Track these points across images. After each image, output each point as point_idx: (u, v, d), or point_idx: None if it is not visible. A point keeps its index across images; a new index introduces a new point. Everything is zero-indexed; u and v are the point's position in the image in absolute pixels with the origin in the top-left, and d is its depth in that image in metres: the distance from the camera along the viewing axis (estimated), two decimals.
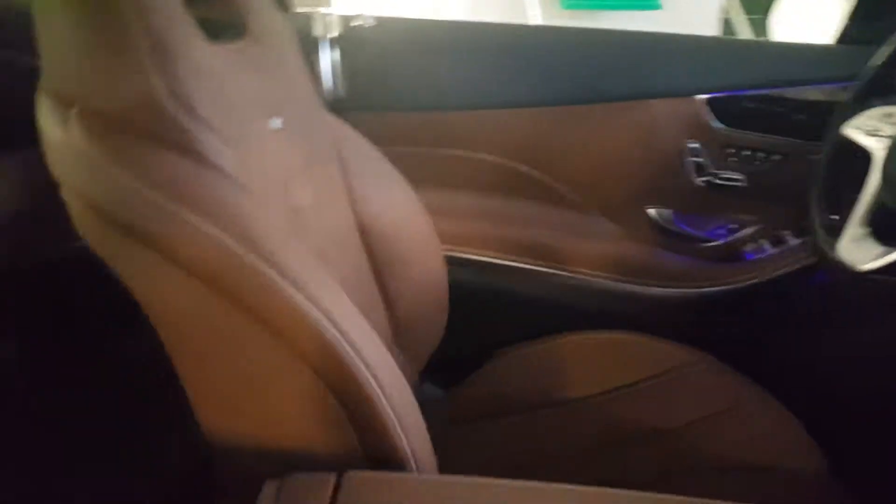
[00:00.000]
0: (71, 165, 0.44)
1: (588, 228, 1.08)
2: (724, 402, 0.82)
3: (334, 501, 0.42)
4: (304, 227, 0.63)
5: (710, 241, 1.08)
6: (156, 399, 0.53)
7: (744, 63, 1.02)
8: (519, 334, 0.99)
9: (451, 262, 0.91)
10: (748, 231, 1.06)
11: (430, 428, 0.71)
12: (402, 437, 0.47)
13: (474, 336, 0.97)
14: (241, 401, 0.48)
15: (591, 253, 1.07)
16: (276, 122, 0.61)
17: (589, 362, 0.92)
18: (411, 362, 0.86)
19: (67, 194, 0.45)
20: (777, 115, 1.00)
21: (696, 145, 1.02)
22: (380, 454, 0.47)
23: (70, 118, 0.44)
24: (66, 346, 0.84)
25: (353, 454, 0.47)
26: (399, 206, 0.83)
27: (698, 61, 1.02)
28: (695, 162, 1.02)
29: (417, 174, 0.86)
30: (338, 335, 0.44)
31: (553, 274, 1.06)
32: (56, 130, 0.44)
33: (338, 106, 1.03)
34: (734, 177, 1.02)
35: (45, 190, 0.48)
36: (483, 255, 1.07)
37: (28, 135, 0.49)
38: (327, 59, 1.01)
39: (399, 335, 0.83)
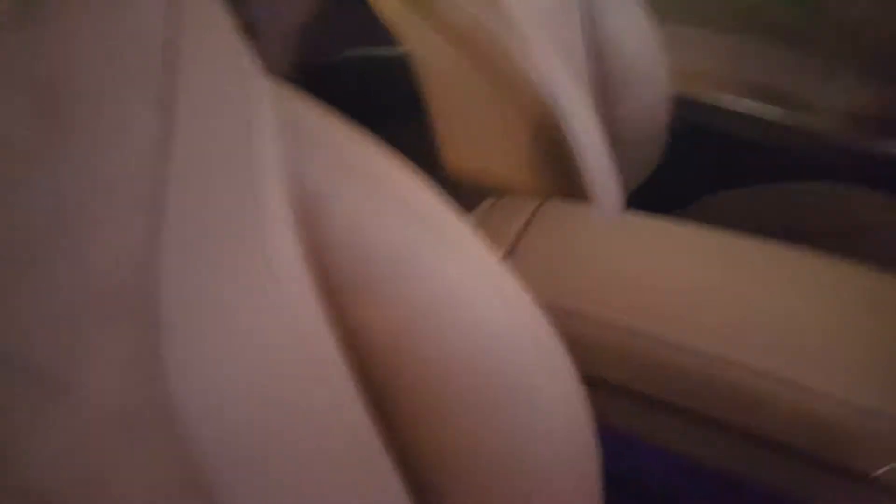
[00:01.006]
0: None
1: (837, 76, 1.01)
2: None
3: (531, 219, 0.54)
4: None
5: None
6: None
7: None
8: (739, 179, 0.98)
9: (680, 100, 0.94)
10: None
11: None
12: (598, 181, 0.57)
13: (690, 175, 1.00)
14: (476, 144, 0.62)
15: (834, 102, 1.00)
16: None
17: (804, 212, 0.89)
18: (620, 184, 0.93)
19: None
20: None
21: None
22: (578, 195, 0.58)
23: None
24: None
25: (557, 194, 0.59)
26: (632, 34, 0.87)
27: None
28: None
29: (659, 7, 0.88)
30: (554, 101, 0.55)
31: (785, 122, 1.02)
32: None
33: None
34: None
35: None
36: (712, 96, 1.06)
37: None
38: None
39: (611, 154, 0.90)
